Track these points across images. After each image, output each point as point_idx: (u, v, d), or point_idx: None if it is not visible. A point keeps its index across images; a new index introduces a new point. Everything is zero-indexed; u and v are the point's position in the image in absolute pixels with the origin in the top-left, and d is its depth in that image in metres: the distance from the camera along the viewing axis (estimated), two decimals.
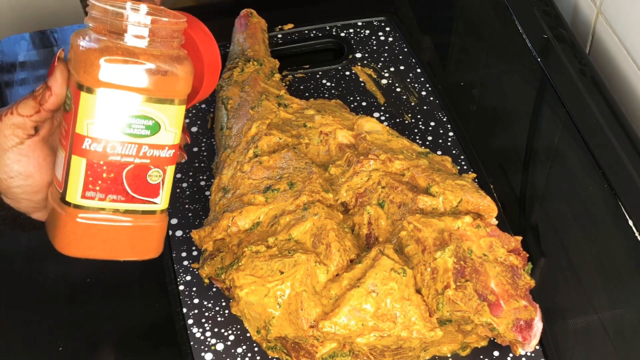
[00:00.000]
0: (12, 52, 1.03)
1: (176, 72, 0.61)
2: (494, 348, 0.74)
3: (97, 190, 0.62)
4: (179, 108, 0.62)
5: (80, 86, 0.60)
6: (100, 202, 0.62)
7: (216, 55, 0.69)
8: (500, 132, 0.95)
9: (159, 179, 0.63)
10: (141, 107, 0.60)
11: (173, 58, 0.61)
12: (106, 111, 0.60)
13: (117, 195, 0.62)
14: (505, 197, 0.86)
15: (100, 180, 0.61)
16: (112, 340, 0.77)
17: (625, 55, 0.90)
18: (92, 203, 0.62)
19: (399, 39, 1.04)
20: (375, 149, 0.78)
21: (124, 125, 0.60)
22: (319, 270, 0.69)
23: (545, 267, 0.80)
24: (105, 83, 0.59)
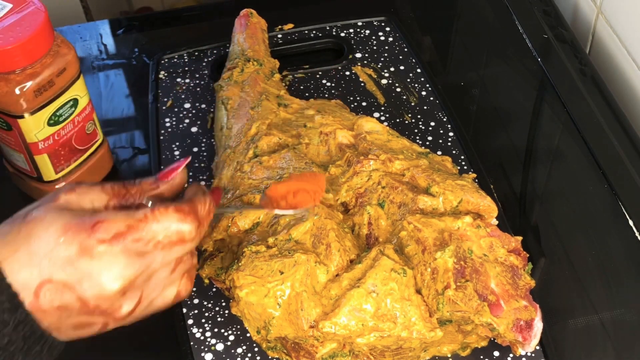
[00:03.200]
0: None
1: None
2: (494, 348, 0.74)
3: (62, 162, 0.83)
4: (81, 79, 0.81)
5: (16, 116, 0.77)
6: (67, 167, 0.84)
7: None
8: (500, 132, 0.95)
9: (92, 126, 0.84)
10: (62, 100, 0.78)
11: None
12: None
13: (76, 155, 0.84)
14: (505, 197, 0.86)
15: (62, 157, 0.82)
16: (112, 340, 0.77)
17: (625, 55, 0.90)
18: (64, 171, 0.84)
19: (399, 39, 1.04)
20: (375, 149, 0.78)
21: (58, 118, 0.79)
22: (319, 270, 0.69)
23: (545, 267, 0.80)
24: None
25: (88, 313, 0.53)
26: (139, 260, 0.52)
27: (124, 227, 0.52)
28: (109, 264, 0.51)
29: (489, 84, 1.01)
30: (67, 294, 0.51)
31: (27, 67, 0.74)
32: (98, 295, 0.52)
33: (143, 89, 0.99)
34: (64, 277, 0.51)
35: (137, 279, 0.53)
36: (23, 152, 0.80)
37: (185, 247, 0.55)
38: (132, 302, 0.54)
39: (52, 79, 0.76)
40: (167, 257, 0.54)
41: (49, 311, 0.52)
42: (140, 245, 0.52)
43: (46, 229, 0.51)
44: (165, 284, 0.56)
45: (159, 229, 0.52)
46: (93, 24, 1.07)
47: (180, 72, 1.00)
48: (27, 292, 0.51)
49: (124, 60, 1.02)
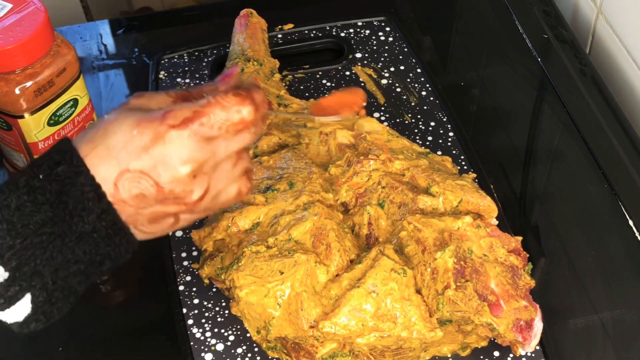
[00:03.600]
0: None
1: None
2: (494, 348, 0.74)
3: None
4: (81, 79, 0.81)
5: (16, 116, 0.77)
6: None
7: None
8: (500, 132, 0.95)
9: None
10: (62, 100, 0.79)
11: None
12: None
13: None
14: (505, 197, 0.86)
15: None
16: (112, 340, 0.77)
17: (625, 55, 0.90)
18: None
19: (399, 39, 1.04)
20: (375, 149, 0.78)
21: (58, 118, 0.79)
22: (319, 270, 0.69)
23: (546, 267, 0.80)
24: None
25: (163, 200, 0.56)
26: (206, 145, 0.56)
27: (191, 113, 0.56)
28: (180, 147, 0.55)
29: (489, 84, 1.01)
30: (143, 180, 0.55)
31: (27, 67, 0.74)
32: (172, 179, 0.56)
33: (143, 89, 0.98)
34: (140, 165, 0.55)
35: (205, 164, 0.57)
36: (23, 152, 0.80)
37: (245, 137, 0.59)
38: (201, 188, 0.57)
39: (52, 79, 0.76)
40: (230, 146, 0.58)
41: (128, 200, 0.55)
42: (206, 129, 0.56)
43: (121, 124, 0.56)
44: (228, 178, 0.60)
45: (222, 112, 0.57)
46: (93, 24, 1.07)
47: (180, 72, 1.00)
48: (107, 184, 0.55)
49: (124, 60, 1.02)
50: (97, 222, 0.55)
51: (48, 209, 0.54)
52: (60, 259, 0.54)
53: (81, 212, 0.54)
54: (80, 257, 0.55)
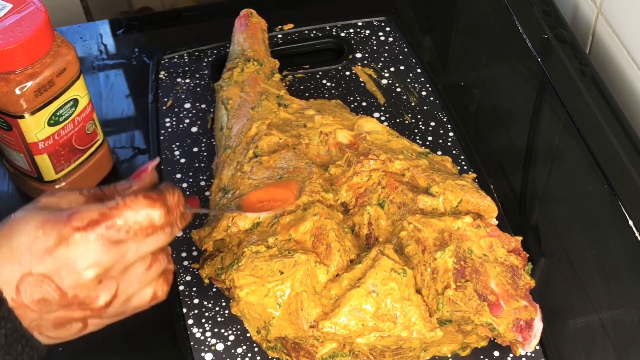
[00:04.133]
0: None
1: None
2: (494, 348, 0.74)
3: (63, 162, 0.83)
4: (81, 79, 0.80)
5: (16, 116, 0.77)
6: (68, 167, 0.84)
7: None
8: (500, 132, 0.95)
9: (93, 126, 0.85)
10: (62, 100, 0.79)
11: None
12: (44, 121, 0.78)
13: (76, 155, 0.84)
14: (505, 197, 0.86)
15: (62, 157, 0.83)
16: (112, 340, 0.77)
17: (625, 55, 0.90)
18: (64, 171, 0.84)
19: (399, 39, 1.04)
20: (375, 149, 0.78)
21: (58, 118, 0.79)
22: (319, 270, 0.69)
23: (545, 267, 0.80)
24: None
25: (67, 305, 0.54)
26: (114, 249, 0.54)
27: (98, 215, 0.54)
28: (84, 250, 0.53)
29: (489, 84, 1.01)
30: (46, 285, 0.53)
31: (27, 67, 0.74)
32: (75, 283, 0.54)
33: (143, 89, 0.99)
34: (43, 269, 0.53)
35: (113, 268, 0.55)
36: (23, 152, 0.81)
37: (158, 238, 0.56)
38: (109, 292, 0.56)
39: (52, 79, 0.76)
40: (141, 249, 0.56)
41: (30, 305, 0.53)
42: (113, 232, 0.54)
43: (26, 224, 0.54)
44: (141, 281, 0.57)
45: (130, 215, 0.55)
46: (93, 24, 1.07)
47: (180, 72, 1.00)
48: (9, 287, 0.53)
49: (124, 60, 1.02)
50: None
51: None
52: None
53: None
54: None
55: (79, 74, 0.79)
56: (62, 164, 0.83)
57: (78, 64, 0.79)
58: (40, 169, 0.82)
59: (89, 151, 0.86)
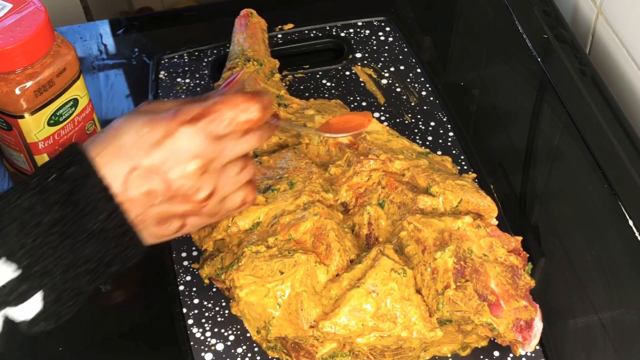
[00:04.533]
0: None
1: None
2: (494, 348, 0.74)
3: None
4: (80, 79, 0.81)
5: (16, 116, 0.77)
6: None
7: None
8: (500, 132, 0.95)
9: (93, 126, 0.85)
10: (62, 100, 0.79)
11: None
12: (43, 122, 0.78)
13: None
14: (505, 197, 0.86)
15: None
16: (112, 340, 0.77)
17: (625, 55, 0.90)
18: None
19: (399, 39, 1.04)
20: (375, 149, 0.78)
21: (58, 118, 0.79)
22: (319, 270, 0.69)
23: (545, 267, 0.80)
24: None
25: (171, 197, 0.58)
26: (215, 143, 0.58)
27: (200, 111, 0.58)
28: (189, 142, 0.57)
29: (489, 84, 1.01)
30: (152, 177, 0.57)
31: (27, 67, 0.74)
32: (181, 174, 0.57)
33: (143, 89, 0.99)
34: (150, 162, 0.57)
35: (214, 161, 0.59)
36: (23, 152, 0.81)
37: (251, 139, 0.61)
38: (209, 186, 0.59)
39: (52, 79, 0.76)
40: (237, 147, 0.60)
41: (136, 199, 0.57)
42: (215, 126, 0.58)
43: (132, 124, 0.58)
44: (234, 182, 0.62)
45: (230, 110, 0.59)
46: (93, 24, 1.07)
47: (180, 72, 1.00)
48: (116, 182, 0.56)
49: (124, 60, 1.02)
50: (107, 222, 0.56)
51: (59, 209, 0.55)
52: (70, 259, 0.55)
53: (91, 212, 0.55)
54: (90, 256, 0.56)
55: (79, 74, 0.79)
56: None
57: (78, 64, 0.79)
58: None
59: None
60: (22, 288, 0.54)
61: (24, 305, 0.55)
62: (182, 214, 0.59)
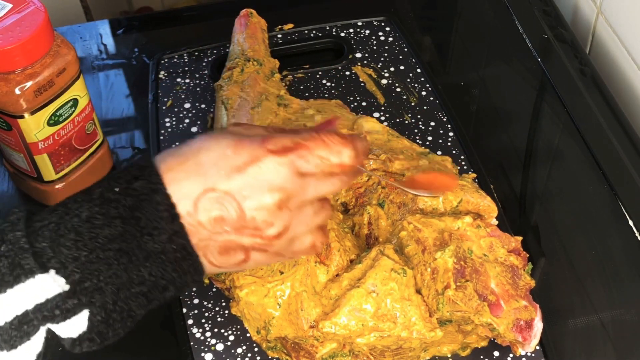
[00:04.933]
0: None
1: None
2: (494, 348, 0.74)
3: (62, 162, 0.83)
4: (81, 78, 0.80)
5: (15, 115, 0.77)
6: (67, 167, 0.84)
7: None
8: (500, 132, 0.95)
9: (92, 126, 0.84)
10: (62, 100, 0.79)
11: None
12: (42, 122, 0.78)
13: (76, 155, 0.84)
14: (505, 197, 0.86)
15: (61, 157, 0.83)
16: None
17: (625, 55, 0.90)
18: (64, 171, 0.84)
19: (399, 39, 1.04)
20: (375, 149, 0.78)
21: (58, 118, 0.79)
22: (319, 270, 0.69)
23: (546, 267, 0.80)
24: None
25: (240, 228, 0.54)
26: (298, 179, 0.55)
27: (292, 143, 0.55)
28: (274, 173, 0.54)
29: (489, 84, 1.01)
30: (227, 203, 0.53)
31: (27, 67, 0.74)
32: (257, 205, 0.54)
33: (143, 89, 0.99)
34: (228, 186, 0.53)
35: (293, 198, 0.55)
36: (23, 152, 0.81)
37: (335, 182, 0.57)
38: (282, 223, 0.55)
39: (52, 79, 0.76)
40: (319, 188, 0.56)
41: (205, 223, 0.53)
42: (302, 163, 0.54)
43: (217, 142, 0.54)
44: (308, 224, 0.57)
45: (323, 149, 0.55)
46: (93, 24, 1.07)
47: (180, 72, 1.00)
48: (187, 201, 0.52)
49: (124, 60, 1.02)
50: (167, 243, 0.52)
51: (119, 224, 0.51)
52: (124, 278, 0.52)
53: (152, 231, 0.52)
54: (145, 278, 0.52)
55: (78, 74, 0.79)
56: (62, 164, 0.83)
57: (78, 64, 0.79)
58: (40, 169, 0.82)
59: (89, 151, 0.86)
60: (68, 304, 0.51)
61: (68, 322, 0.51)
62: (248, 247, 0.55)
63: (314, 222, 0.58)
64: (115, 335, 0.54)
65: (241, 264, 0.56)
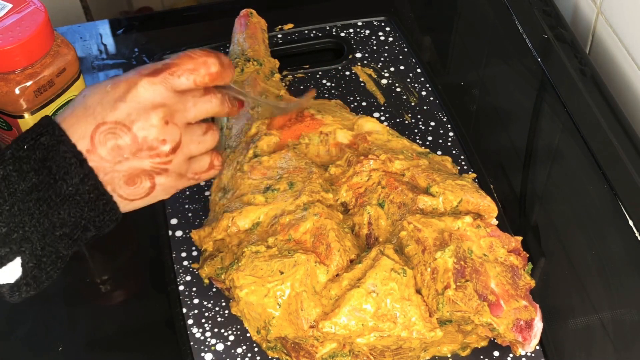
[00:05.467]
0: None
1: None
2: (494, 348, 0.74)
3: None
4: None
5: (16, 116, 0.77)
6: None
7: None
8: (500, 132, 0.95)
9: None
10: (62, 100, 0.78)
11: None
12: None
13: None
14: (505, 197, 0.86)
15: None
16: (112, 340, 0.77)
17: (625, 55, 0.90)
18: None
19: (399, 39, 1.04)
20: (376, 149, 0.78)
21: None
22: (319, 270, 0.69)
23: (546, 267, 0.80)
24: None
25: (137, 151, 0.59)
26: (177, 96, 0.60)
27: (162, 65, 0.61)
28: (152, 93, 0.59)
29: (489, 84, 1.01)
30: (118, 130, 0.58)
31: (27, 67, 0.74)
32: (144, 123, 0.59)
33: None
34: (115, 116, 0.58)
35: (176, 113, 0.60)
36: None
37: (211, 101, 0.63)
38: (173, 138, 0.60)
39: (52, 79, 0.76)
40: (198, 106, 0.62)
41: (104, 154, 0.58)
42: (175, 79, 0.60)
43: (97, 85, 0.60)
44: (200, 143, 0.63)
45: (189, 62, 0.61)
46: (93, 24, 1.07)
47: None
48: (84, 141, 0.58)
49: (124, 60, 1.02)
50: (80, 185, 0.57)
51: (33, 176, 0.57)
52: (46, 224, 0.57)
53: (64, 176, 0.57)
54: (65, 220, 0.58)
55: (78, 74, 0.79)
56: None
57: (78, 64, 0.79)
58: None
59: None
60: (1, 252, 0.56)
61: (5, 268, 0.57)
62: (149, 170, 0.60)
63: (205, 141, 0.64)
64: (48, 277, 0.60)
65: (150, 193, 0.61)
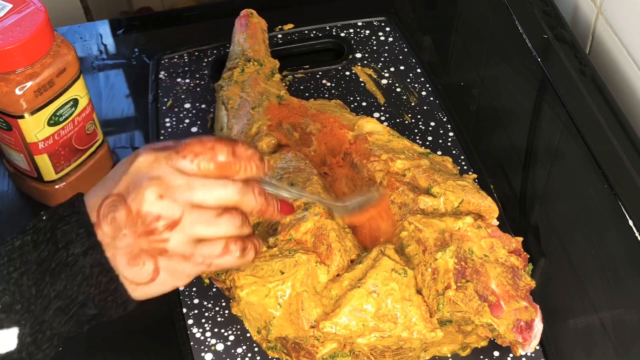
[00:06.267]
0: None
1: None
2: (494, 348, 0.74)
3: (62, 162, 0.83)
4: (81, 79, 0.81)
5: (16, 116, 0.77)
6: (67, 167, 0.84)
7: None
8: (500, 132, 0.95)
9: (92, 127, 0.84)
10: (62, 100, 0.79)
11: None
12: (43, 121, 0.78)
13: (76, 155, 0.84)
14: (505, 198, 0.86)
15: (62, 158, 0.83)
16: (112, 340, 0.77)
17: (625, 55, 0.90)
18: (64, 171, 0.85)
19: (399, 39, 1.04)
20: (377, 149, 0.78)
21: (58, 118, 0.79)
22: (320, 270, 0.69)
23: (546, 268, 0.80)
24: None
25: (133, 227, 0.55)
26: (179, 174, 0.56)
27: (172, 143, 0.57)
28: (148, 165, 0.56)
29: (489, 84, 1.01)
30: (117, 202, 0.55)
31: (27, 67, 0.74)
32: (138, 196, 0.55)
33: (143, 89, 0.99)
34: (118, 188, 0.56)
35: (176, 189, 0.55)
36: (23, 152, 0.81)
37: (226, 186, 0.57)
38: (170, 215, 0.55)
39: (52, 79, 0.76)
40: (209, 190, 0.56)
41: (106, 230, 0.55)
42: (179, 159, 0.56)
43: (120, 164, 0.58)
44: (210, 224, 0.57)
45: (197, 145, 0.57)
46: (93, 24, 1.07)
47: (180, 72, 1.00)
48: (92, 213, 0.56)
49: (124, 60, 1.02)
50: (81, 256, 0.54)
51: (45, 247, 0.55)
52: (50, 295, 0.54)
53: (67, 245, 0.54)
54: (60, 291, 0.54)
55: (78, 74, 0.79)
56: (62, 164, 0.83)
57: (78, 64, 0.79)
58: (40, 169, 0.82)
59: (89, 151, 0.86)
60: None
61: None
62: (148, 249, 0.55)
63: (218, 225, 0.57)
64: (45, 356, 0.56)
65: (155, 277, 0.57)
